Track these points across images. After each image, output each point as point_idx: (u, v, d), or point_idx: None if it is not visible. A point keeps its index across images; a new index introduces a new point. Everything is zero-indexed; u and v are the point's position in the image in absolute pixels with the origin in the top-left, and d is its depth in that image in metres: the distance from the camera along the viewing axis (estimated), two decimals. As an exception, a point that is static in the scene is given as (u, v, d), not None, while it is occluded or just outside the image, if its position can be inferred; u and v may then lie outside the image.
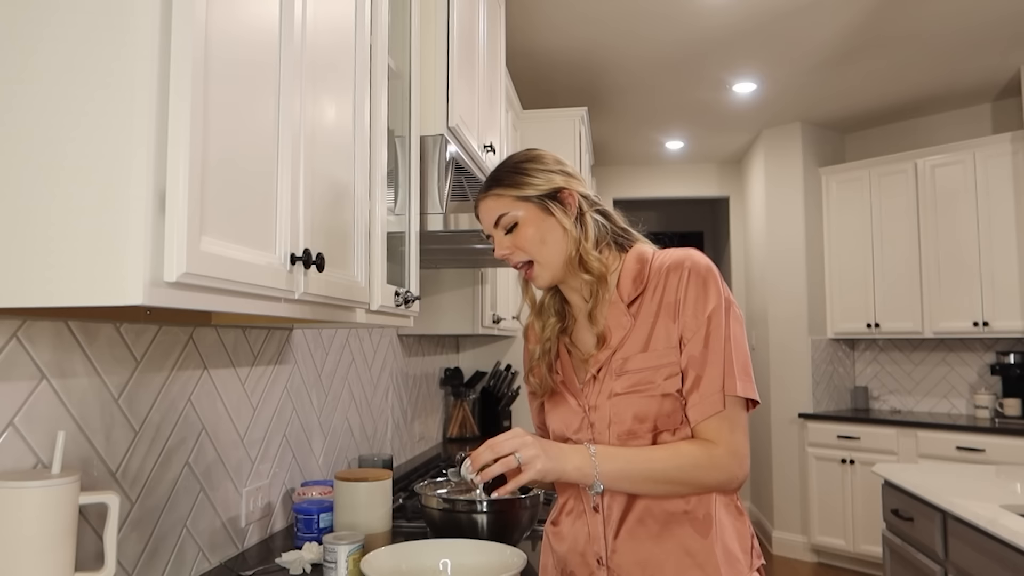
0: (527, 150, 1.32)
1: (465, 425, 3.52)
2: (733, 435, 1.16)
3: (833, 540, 4.66)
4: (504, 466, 1.10)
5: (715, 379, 1.16)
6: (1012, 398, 4.23)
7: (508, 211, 1.24)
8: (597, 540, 1.21)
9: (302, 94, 1.13)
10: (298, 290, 1.10)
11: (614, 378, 1.21)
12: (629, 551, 1.19)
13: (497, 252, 1.26)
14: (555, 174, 1.26)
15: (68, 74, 0.82)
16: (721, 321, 1.17)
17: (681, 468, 1.15)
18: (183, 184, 0.81)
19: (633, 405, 1.18)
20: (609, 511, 1.21)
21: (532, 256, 1.24)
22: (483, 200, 1.27)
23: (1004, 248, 4.19)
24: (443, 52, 1.92)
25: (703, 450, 1.15)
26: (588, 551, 1.22)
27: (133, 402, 1.28)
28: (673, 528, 1.17)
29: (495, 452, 1.11)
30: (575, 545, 1.25)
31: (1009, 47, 3.83)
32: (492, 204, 1.26)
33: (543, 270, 1.25)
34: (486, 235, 1.30)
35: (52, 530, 0.93)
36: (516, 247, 1.25)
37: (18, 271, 0.81)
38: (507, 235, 1.25)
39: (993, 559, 1.93)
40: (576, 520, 1.26)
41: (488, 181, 1.29)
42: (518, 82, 4.05)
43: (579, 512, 1.26)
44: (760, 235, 5.46)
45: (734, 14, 3.43)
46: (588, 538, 1.22)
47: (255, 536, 1.69)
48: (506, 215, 1.24)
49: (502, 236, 1.25)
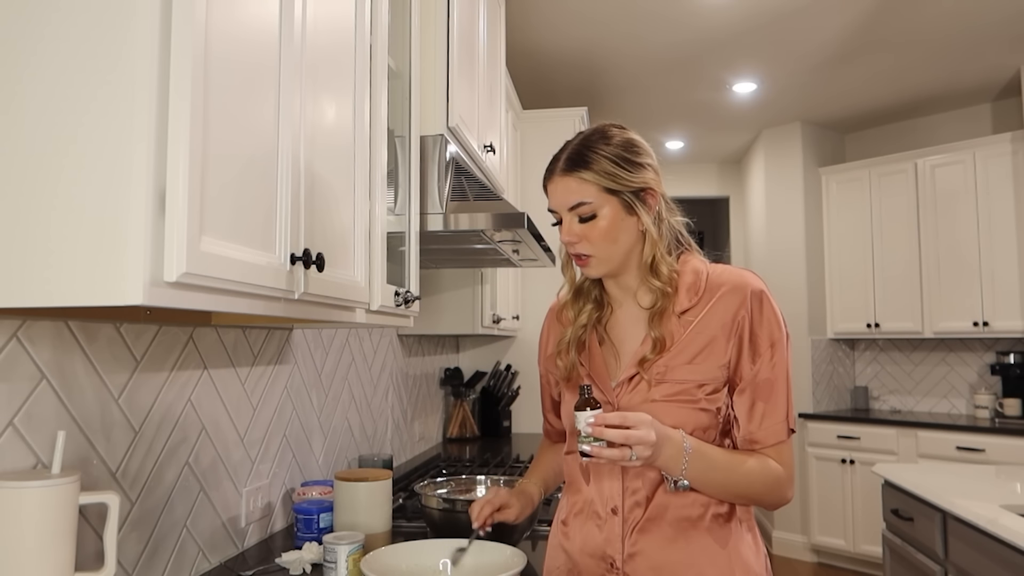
0: (620, 130, 1.22)
1: (465, 425, 3.52)
2: (792, 464, 1.19)
3: (833, 540, 4.66)
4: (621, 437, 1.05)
5: (781, 408, 1.18)
6: (1012, 398, 4.23)
7: (591, 202, 1.16)
8: (613, 543, 1.18)
9: (302, 94, 1.13)
10: (298, 290, 1.10)
11: (653, 384, 1.18)
12: (645, 556, 1.16)
13: (564, 237, 1.19)
14: (647, 170, 1.20)
15: (68, 74, 0.82)
16: (784, 354, 1.18)
17: (761, 483, 1.16)
18: (183, 184, 0.81)
19: (671, 415, 1.16)
20: (630, 514, 1.18)
21: (597, 252, 1.19)
22: (563, 178, 1.18)
23: (1004, 248, 4.19)
24: (443, 52, 1.92)
25: (777, 474, 1.17)
26: (601, 554, 1.19)
27: (133, 402, 1.28)
28: (691, 535, 1.16)
29: (625, 437, 1.05)
30: (585, 547, 1.22)
31: (1009, 47, 3.83)
32: (574, 187, 1.17)
33: (601, 265, 1.20)
34: (552, 211, 1.22)
35: (52, 530, 0.93)
36: (585, 238, 1.18)
37: (18, 271, 0.81)
38: (580, 223, 1.18)
39: (993, 559, 1.93)
40: (586, 521, 1.23)
41: (573, 157, 1.18)
42: (518, 82, 4.05)
43: (590, 513, 1.23)
44: (760, 235, 5.46)
45: (734, 14, 3.43)
46: (602, 541, 1.19)
47: (255, 536, 1.69)
48: (587, 205, 1.17)
49: (575, 222, 1.18)
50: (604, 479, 1.22)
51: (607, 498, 1.20)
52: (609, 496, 1.20)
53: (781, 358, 1.18)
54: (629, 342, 1.25)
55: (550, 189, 1.21)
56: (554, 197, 1.20)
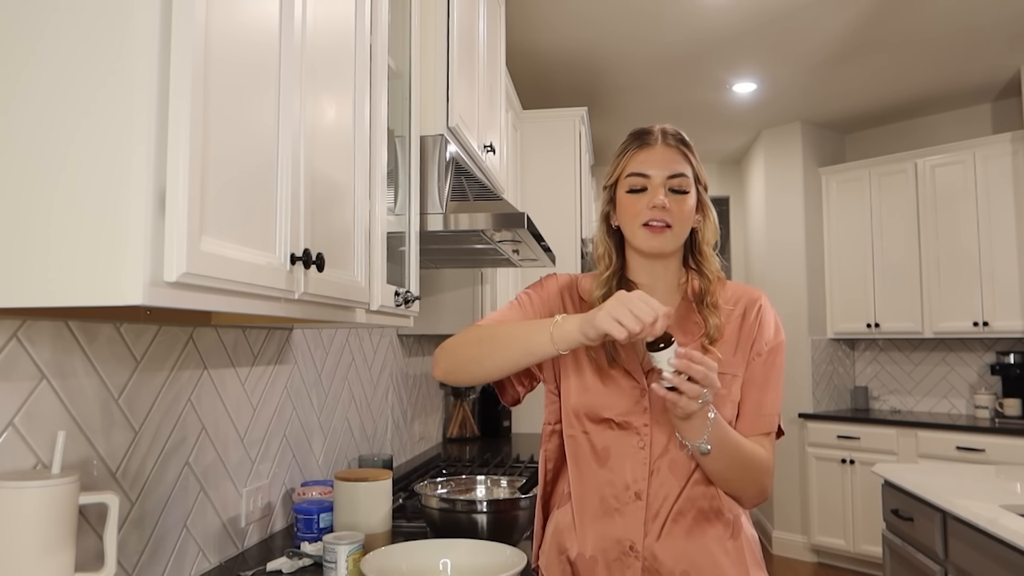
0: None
1: (465, 425, 3.52)
2: (774, 460, 1.28)
3: (833, 540, 4.66)
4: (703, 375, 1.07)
5: (774, 403, 1.28)
6: (1012, 398, 4.23)
7: (688, 177, 1.26)
8: (634, 529, 1.20)
9: (302, 94, 1.13)
10: (298, 290, 1.10)
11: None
12: (670, 545, 1.20)
13: (658, 201, 1.23)
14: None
15: (68, 74, 0.82)
16: (782, 359, 1.30)
17: (759, 465, 1.24)
18: (183, 184, 0.81)
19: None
20: (656, 500, 1.21)
21: (674, 226, 1.24)
22: (671, 148, 1.27)
23: (1004, 248, 4.19)
24: (443, 52, 1.92)
25: (769, 462, 1.25)
26: (617, 537, 1.21)
27: (133, 402, 1.28)
28: (705, 526, 1.22)
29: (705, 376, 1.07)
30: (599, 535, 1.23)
31: (1009, 47, 3.83)
32: (680, 161, 1.27)
33: (675, 239, 1.26)
34: (641, 176, 1.26)
35: (52, 530, 0.93)
36: (671, 210, 1.24)
37: (18, 271, 0.81)
38: (671, 193, 1.24)
39: (993, 559, 1.93)
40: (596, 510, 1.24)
41: (671, 135, 1.28)
42: (518, 82, 4.05)
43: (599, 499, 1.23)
44: (760, 235, 5.46)
45: (734, 14, 3.43)
46: (621, 525, 1.21)
47: (255, 536, 1.69)
48: (686, 179, 1.26)
49: (668, 190, 1.24)
50: (627, 461, 1.23)
51: (631, 482, 1.22)
52: (633, 480, 1.22)
53: (779, 359, 1.29)
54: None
55: (647, 156, 1.26)
56: (656, 163, 1.26)
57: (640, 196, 1.25)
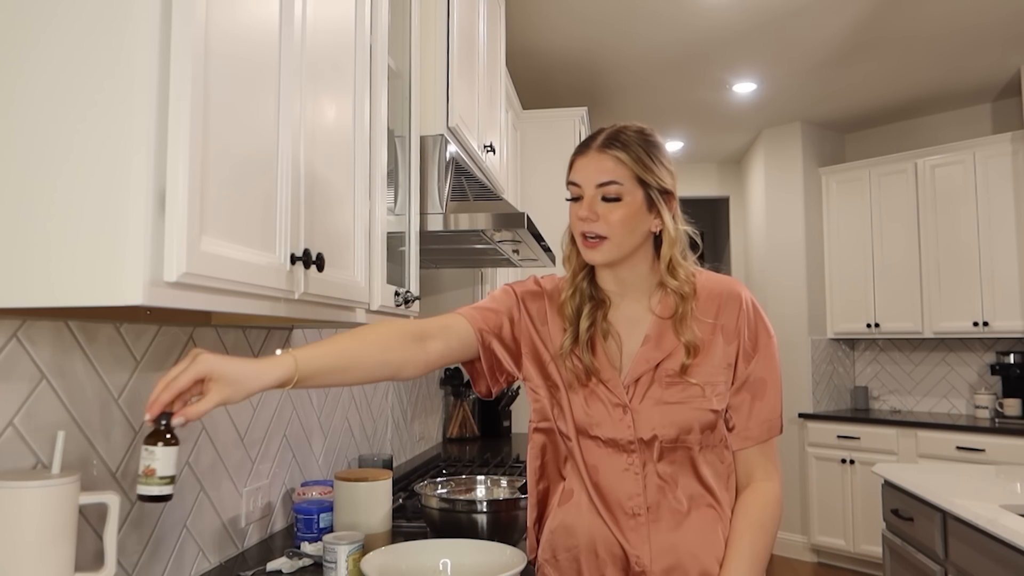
0: (650, 130, 1.23)
1: (465, 425, 3.52)
2: (777, 461, 1.27)
3: (833, 540, 4.66)
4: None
5: (774, 407, 1.25)
6: (1012, 398, 4.23)
7: (622, 184, 1.16)
8: (634, 528, 1.20)
9: (302, 94, 1.13)
10: (298, 290, 1.10)
11: (663, 386, 1.20)
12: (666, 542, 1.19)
13: (582, 213, 1.18)
14: (670, 175, 1.22)
15: (68, 74, 0.82)
16: (775, 355, 1.26)
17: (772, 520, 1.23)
18: (183, 184, 0.81)
19: (681, 415, 1.19)
20: (652, 503, 1.20)
21: (612, 236, 1.18)
22: (600, 155, 1.18)
23: (1004, 248, 4.19)
24: (443, 52, 1.92)
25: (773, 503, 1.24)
26: (619, 536, 1.20)
27: (133, 402, 1.28)
28: (704, 525, 1.22)
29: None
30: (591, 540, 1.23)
31: (1009, 47, 3.83)
32: (609, 165, 1.17)
33: (612, 250, 1.19)
34: (574, 186, 1.21)
35: (52, 530, 0.93)
36: (603, 219, 1.17)
37: (18, 271, 0.81)
38: (603, 202, 1.17)
39: (993, 559, 1.93)
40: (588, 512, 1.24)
41: (613, 137, 1.19)
42: (518, 82, 4.05)
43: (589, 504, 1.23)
44: (760, 235, 5.46)
45: (734, 14, 3.43)
46: (621, 524, 1.20)
47: (255, 536, 1.69)
48: (617, 186, 1.16)
49: (597, 200, 1.17)
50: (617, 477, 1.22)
51: (624, 498, 1.21)
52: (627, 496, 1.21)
53: (773, 358, 1.25)
54: (629, 340, 1.25)
55: (580, 163, 1.21)
56: (584, 171, 1.19)
57: (578, 205, 1.20)
